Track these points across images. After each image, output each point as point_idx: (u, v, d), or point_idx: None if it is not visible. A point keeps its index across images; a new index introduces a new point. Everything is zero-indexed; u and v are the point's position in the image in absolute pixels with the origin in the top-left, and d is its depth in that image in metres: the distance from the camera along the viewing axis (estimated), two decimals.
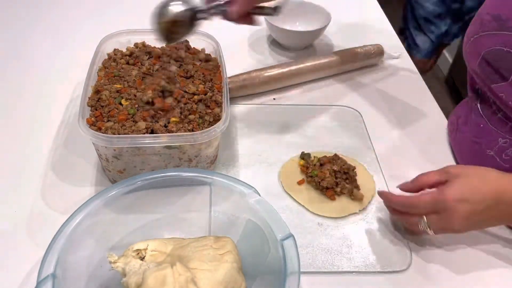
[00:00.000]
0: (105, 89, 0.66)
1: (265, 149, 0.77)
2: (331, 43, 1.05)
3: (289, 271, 0.49)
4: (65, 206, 0.65)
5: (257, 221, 0.56)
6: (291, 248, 0.51)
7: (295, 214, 0.67)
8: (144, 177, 0.57)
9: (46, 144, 0.74)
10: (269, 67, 0.88)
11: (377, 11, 1.19)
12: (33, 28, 1.02)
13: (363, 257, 0.62)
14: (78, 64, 0.79)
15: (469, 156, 0.73)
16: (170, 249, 0.54)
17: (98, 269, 0.54)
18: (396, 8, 1.55)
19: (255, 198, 0.56)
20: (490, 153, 0.68)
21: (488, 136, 0.69)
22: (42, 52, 0.95)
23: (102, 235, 0.56)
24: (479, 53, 0.65)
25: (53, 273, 0.47)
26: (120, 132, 0.61)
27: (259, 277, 0.55)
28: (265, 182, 0.71)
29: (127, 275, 0.50)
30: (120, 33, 0.78)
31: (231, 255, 0.52)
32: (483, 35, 0.65)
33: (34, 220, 0.64)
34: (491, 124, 0.69)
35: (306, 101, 0.88)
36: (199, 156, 0.66)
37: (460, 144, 0.76)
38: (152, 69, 0.71)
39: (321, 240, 0.64)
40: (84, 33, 0.98)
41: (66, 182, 0.69)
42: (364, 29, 1.09)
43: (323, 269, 0.61)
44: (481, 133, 0.70)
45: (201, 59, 0.76)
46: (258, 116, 0.83)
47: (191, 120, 0.64)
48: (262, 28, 1.06)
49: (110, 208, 0.56)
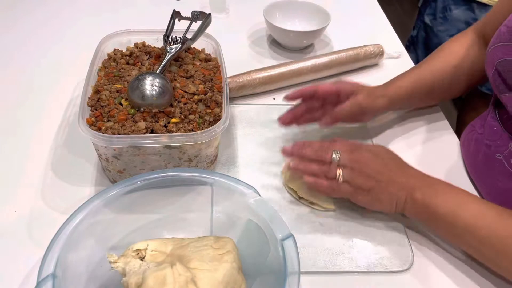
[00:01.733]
0: (105, 89, 0.66)
1: (265, 149, 0.77)
2: (331, 43, 1.05)
3: (289, 271, 0.49)
4: (65, 206, 0.65)
5: (257, 221, 0.56)
6: (291, 248, 0.51)
7: (296, 214, 0.67)
8: (144, 177, 0.57)
9: (46, 144, 0.74)
10: (269, 67, 0.88)
11: (377, 11, 1.19)
12: (33, 28, 1.02)
13: (365, 257, 0.62)
14: (78, 64, 0.79)
15: (478, 158, 0.72)
16: (170, 249, 0.54)
17: (98, 269, 0.54)
18: (396, 8, 1.54)
19: (255, 198, 0.56)
20: (499, 157, 0.68)
21: (500, 140, 0.69)
22: (42, 52, 0.95)
23: (102, 235, 0.56)
24: (494, 63, 0.66)
25: (53, 273, 0.47)
26: (120, 132, 0.61)
27: (259, 277, 0.55)
28: (265, 182, 0.71)
29: (127, 275, 0.50)
30: (120, 33, 0.78)
31: (231, 255, 0.52)
32: (498, 46, 0.66)
33: (34, 220, 0.64)
34: (504, 128, 0.69)
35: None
36: (199, 156, 0.66)
37: (471, 144, 0.75)
38: (152, 69, 0.71)
39: (322, 240, 0.64)
40: (84, 33, 0.98)
41: (66, 182, 0.69)
42: (364, 29, 1.09)
43: (325, 269, 0.60)
44: (494, 136, 0.70)
45: (201, 59, 0.76)
46: (258, 116, 0.83)
47: (191, 120, 0.64)
48: (262, 28, 1.06)
49: (110, 208, 0.56)
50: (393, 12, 1.31)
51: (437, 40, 1.37)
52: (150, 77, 0.65)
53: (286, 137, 0.79)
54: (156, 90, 0.64)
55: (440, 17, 1.35)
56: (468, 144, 0.77)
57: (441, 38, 1.36)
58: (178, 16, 0.77)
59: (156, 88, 0.64)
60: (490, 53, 0.68)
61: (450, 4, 1.32)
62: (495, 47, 0.66)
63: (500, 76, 0.66)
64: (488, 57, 0.69)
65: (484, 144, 0.72)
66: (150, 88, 0.64)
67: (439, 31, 1.35)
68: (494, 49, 0.67)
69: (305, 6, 1.03)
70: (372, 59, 0.96)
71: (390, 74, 0.81)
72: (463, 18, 1.30)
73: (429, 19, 1.39)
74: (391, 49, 0.99)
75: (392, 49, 1.00)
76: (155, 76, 0.65)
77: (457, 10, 1.30)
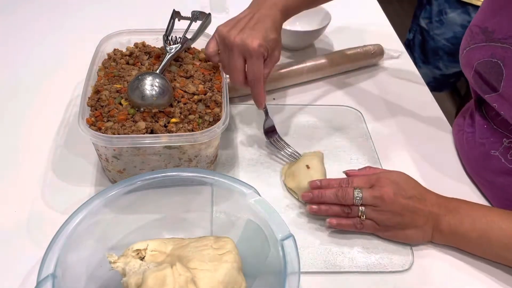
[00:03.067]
0: (105, 89, 0.66)
1: (265, 149, 0.77)
2: (331, 43, 1.05)
3: (289, 271, 0.49)
4: (65, 206, 0.65)
5: (257, 221, 0.56)
6: (291, 248, 0.51)
7: (296, 214, 0.67)
8: (144, 177, 0.57)
9: (46, 144, 0.74)
10: None
11: (377, 11, 1.19)
12: (33, 28, 1.02)
13: (364, 257, 0.62)
14: (78, 64, 0.79)
15: (474, 156, 0.73)
16: (170, 249, 0.54)
17: (98, 269, 0.54)
18: (396, 8, 1.54)
19: (255, 198, 0.56)
20: (495, 154, 0.69)
21: (492, 137, 0.69)
22: (42, 52, 0.95)
23: (102, 235, 0.56)
24: (472, 65, 0.67)
25: (53, 273, 0.47)
26: (120, 132, 0.61)
27: (259, 277, 0.55)
28: (265, 182, 0.71)
29: (127, 275, 0.50)
30: (120, 33, 0.77)
31: (231, 255, 0.52)
32: (473, 47, 0.66)
33: (34, 220, 0.64)
34: (494, 124, 0.69)
35: (306, 101, 0.88)
36: (199, 156, 0.66)
37: (464, 144, 0.76)
38: (152, 69, 0.71)
39: (322, 240, 0.64)
40: (84, 33, 0.98)
41: (66, 182, 0.69)
42: (364, 29, 1.09)
43: (325, 269, 0.61)
44: (486, 133, 0.71)
45: (201, 59, 0.76)
46: (258, 116, 0.83)
47: (191, 120, 0.64)
48: None
49: (110, 208, 0.56)
50: (393, 12, 1.31)
51: (433, 43, 1.37)
52: (150, 77, 0.65)
53: (286, 138, 0.79)
54: (156, 90, 0.64)
55: (436, 21, 1.35)
56: (461, 144, 0.77)
57: (438, 41, 1.36)
58: (178, 16, 0.77)
59: (156, 88, 0.64)
60: (465, 55, 0.68)
61: (446, 8, 1.32)
62: (470, 49, 0.66)
63: (481, 77, 0.66)
64: (464, 59, 0.69)
65: (477, 142, 0.72)
66: (150, 88, 0.64)
67: (436, 34, 1.36)
68: (469, 51, 0.67)
69: None
70: (372, 59, 0.96)
71: (390, 74, 0.81)
72: (459, 21, 1.30)
73: (425, 22, 1.39)
74: (391, 49, 0.99)
75: (392, 49, 1.00)
76: (155, 76, 0.65)
77: (453, 13, 1.31)
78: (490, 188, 0.71)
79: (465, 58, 0.68)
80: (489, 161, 0.69)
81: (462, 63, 0.70)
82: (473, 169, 0.74)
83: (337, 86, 0.92)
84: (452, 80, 1.50)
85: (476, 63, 0.66)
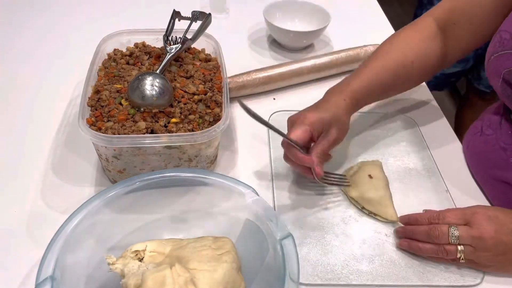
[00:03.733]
0: (105, 89, 0.66)
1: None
2: (331, 43, 1.05)
3: (288, 270, 0.49)
4: (65, 206, 0.65)
5: (256, 221, 0.56)
6: (291, 247, 0.51)
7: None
8: (144, 177, 0.57)
9: (46, 144, 0.74)
10: (269, 67, 0.88)
11: (377, 11, 1.19)
12: (33, 28, 1.02)
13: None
14: (78, 64, 0.79)
15: (489, 160, 0.70)
16: (169, 250, 0.54)
17: (97, 270, 0.54)
18: (396, 8, 1.54)
19: (253, 198, 0.56)
20: None
21: None
22: (42, 52, 0.95)
23: (101, 235, 0.56)
24: (500, 73, 0.63)
25: (51, 275, 0.47)
26: (120, 132, 0.61)
27: (258, 277, 0.55)
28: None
29: (126, 276, 0.50)
30: (120, 33, 0.78)
31: (230, 255, 0.52)
32: (503, 54, 0.62)
33: (34, 220, 0.64)
34: None
35: (306, 101, 0.87)
36: (199, 156, 0.66)
37: (481, 145, 0.73)
38: (152, 69, 0.71)
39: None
40: (84, 33, 0.98)
41: (66, 182, 0.69)
42: (364, 29, 1.09)
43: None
44: (510, 139, 0.67)
45: (201, 59, 0.76)
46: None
47: (191, 120, 0.64)
48: (262, 28, 1.06)
49: (110, 208, 0.56)
50: (393, 12, 1.31)
51: None
52: (150, 77, 0.65)
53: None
54: (156, 90, 0.64)
55: None
56: (474, 147, 0.74)
57: None
58: (178, 16, 0.77)
59: (156, 88, 0.64)
60: (493, 62, 0.64)
61: None
62: (499, 55, 0.63)
63: (511, 86, 0.62)
64: (491, 66, 0.65)
65: (498, 146, 0.69)
66: (150, 88, 0.64)
67: None
68: (497, 57, 0.63)
69: (305, 6, 1.03)
70: None
71: None
72: None
73: None
74: None
75: None
76: (155, 76, 0.65)
77: None
78: (503, 195, 0.68)
79: (492, 64, 0.64)
80: (507, 166, 0.66)
81: (488, 70, 0.66)
82: (484, 173, 0.71)
83: None
84: (452, 80, 1.50)
85: (505, 71, 0.62)
